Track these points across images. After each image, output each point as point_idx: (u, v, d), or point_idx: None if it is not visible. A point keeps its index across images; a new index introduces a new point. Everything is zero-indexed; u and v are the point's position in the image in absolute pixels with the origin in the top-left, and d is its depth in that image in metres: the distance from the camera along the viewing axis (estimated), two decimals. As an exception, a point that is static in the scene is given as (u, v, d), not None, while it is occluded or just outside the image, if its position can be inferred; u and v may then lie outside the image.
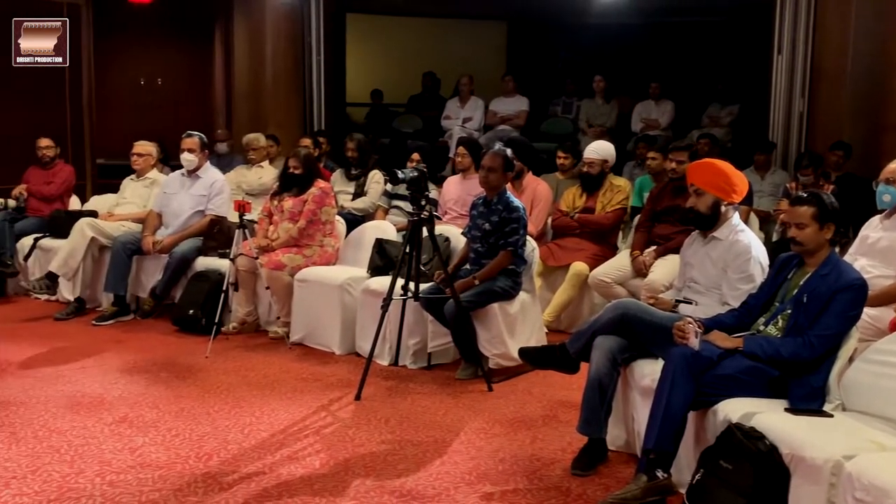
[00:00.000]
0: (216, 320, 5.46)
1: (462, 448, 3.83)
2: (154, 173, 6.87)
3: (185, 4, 10.10)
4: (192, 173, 6.38)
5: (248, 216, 5.56)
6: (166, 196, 6.43)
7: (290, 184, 5.86)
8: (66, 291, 6.50)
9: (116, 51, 10.10)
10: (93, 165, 9.53)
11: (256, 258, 5.61)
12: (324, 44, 9.80)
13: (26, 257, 6.84)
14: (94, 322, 6.05)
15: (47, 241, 6.79)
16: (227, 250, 5.91)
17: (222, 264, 5.91)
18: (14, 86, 8.54)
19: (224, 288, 5.58)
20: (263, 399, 4.48)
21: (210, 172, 6.44)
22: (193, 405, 4.36)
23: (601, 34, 10.46)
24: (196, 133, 6.46)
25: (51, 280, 6.33)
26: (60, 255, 6.32)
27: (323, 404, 4.42)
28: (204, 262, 6.09)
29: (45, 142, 7.23)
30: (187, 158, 6.32)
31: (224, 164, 7.86)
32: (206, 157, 6.51)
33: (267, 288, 5.62)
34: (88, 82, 9.39)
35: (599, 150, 6.15)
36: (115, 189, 7.36)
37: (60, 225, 6.74)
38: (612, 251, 6.01)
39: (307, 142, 7.74)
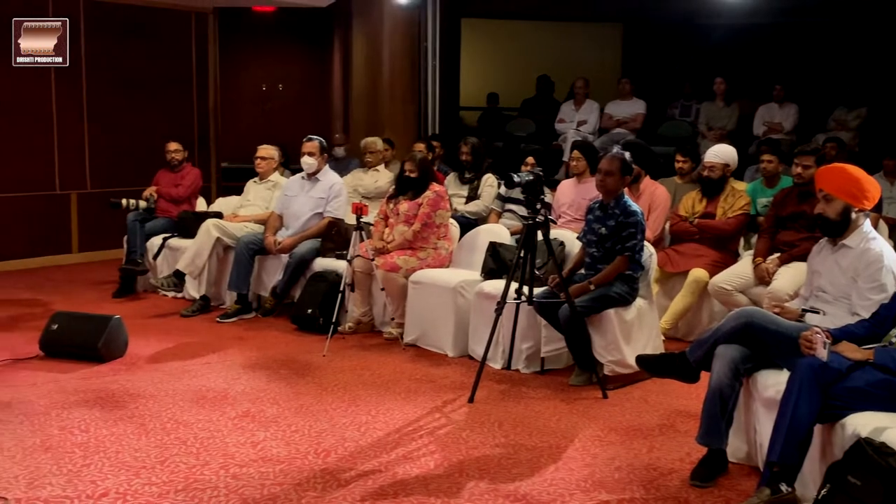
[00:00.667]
0: (333, 320, 5.59)
1: (577, 455, 3.79)
2: (276, 176, 7.08)
3: (305, 12, 10.38)
4: (312, 176, 6.54)
5: (364, 218, 5.67)
6: (287, 198, 6.62)
7: (406, 187, 5.94)
8: (192, 289, 6.76)
9: (240, 58, 10.48)
10: (217, 168, 9.90)
11: (372, 260, 5.70)
12: (439, 48, 9.89)
13: (155, 256, 7.14)
14: (218, 319, 6.27)
15: (175, 241, 7.08)
16: (344, 252, 6.04)
17: (339, 265, 6.04)
18: (145, 92, 8.99)
19: (341, 289, 5.71)
20: (379, 398, 4.55)
21: (329, 175, 6.60)
22: (312, 402, 4.46)
23: (721, 35, 10.19)
24: (316, 137, 6.63)
25: (178, 278, 6.60)
26: (187, 254, 6.58)
27: (437, 406, 4.46)
28: (322, 263, 6.24)
29: (173, 146, 7.55)
30: (307, 162, 6.49)
31: (341, 168, 8.02)
32: (326, 160, 6.66)
33: (382, 289, 5.71)
34: (214, 89, 9.77)
35: (721, 153, 5.99)
36: (238, 191, 7.63)
37: (188, 225, 7.01)
38: (733, 258, 5.84)
39: (421, 146, 7.82)
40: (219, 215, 6.98)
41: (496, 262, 5.47)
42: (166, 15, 9.18)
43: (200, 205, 7.67)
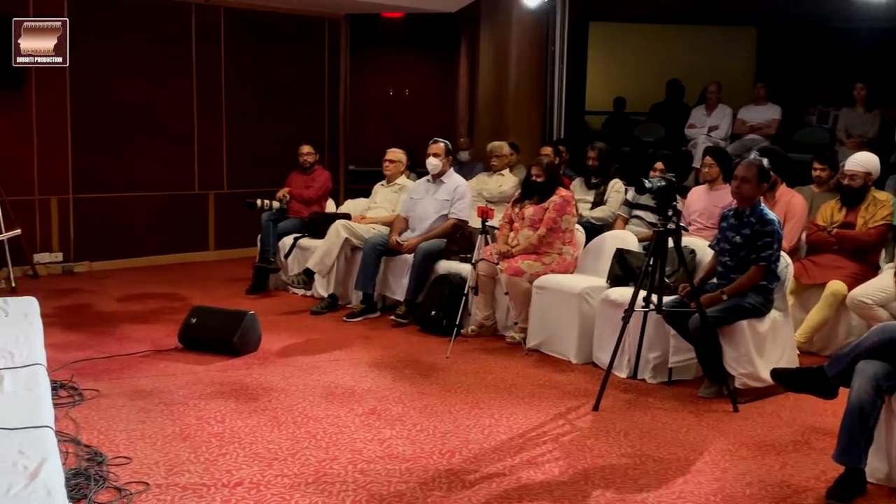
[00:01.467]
0: (456, 322, 5.63)
1: (706, 468, 3.69)
2: (403, 179, 7.21)
3: (433, 18, 10.51)
4: (437, 178, 6.62)
5: (489, 222, 5.69)
6: (413, 201, 6.72)
7: (532, 191, 5.93)
8: (321, 288, 6.95)
9: (369, 64, 10.70)
10: (345, 171, 10.14)
11: (497, 264, 5.72)
12: (566, 52, 9.83)
13: (287, 255, 7.38)
14: (344, 318, 6.42)
15: (305, 241, 7.29)
16: (469, 255, 6.09)
17: (463, 268, 6.09)
18: (280, 97, 9.30)
19: (465, 291, 5.75)
20: (502, 402, 4.55)
21: (453, 178, 6.66)
22: (436, 403, 4.51)
23: (861, 39, 9.73)
24: (441, 139, 6.71)
25: (308, 276, 6.79)
26: (317, 253, 6.76)
27: (560, 412, 4.43)
28: (446, 266, 6.30)
29: (306, 148, 7.78)
30: (432, 163, 6.57)
31: (465, 172, 8.08)
32: (450, 162, 6.73)
33: (506, 293, 5.72)
34: (344, 94, 10.02)
35: (863, 161, 5.72)
36: (364, 194, 7.80)
37: (318, 226, 7.21)
38: (873, 270, 5.57)
39: (548, 150, 7.79)
40: (347, 217, 7.15)
41: (623, 269, 5.40)
42: (301, 22, 9.49)
43: (330, 206, 7.88)
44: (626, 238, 5.89)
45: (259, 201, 7.57)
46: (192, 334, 5.49)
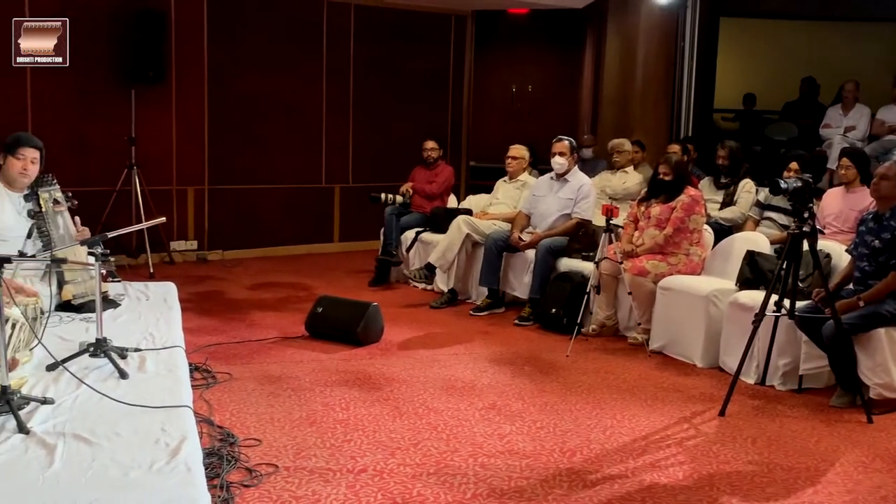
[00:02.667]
0: (577, 321, 5.59)
1: (837, 479, 3.55)
2: (525, 176, 7.20)
3: (559, 14, 10.45)
4: (561, 177, 6.58)
5: (614, 220, 5.62)
6: (535, 198, 6.70)
7: (659, 190, 5.82)
8: (441, 282, 7.02)
9: (493, 60, 10.73)
10: (467, 167, 10.21)
11: (620, 263, 5.64)
12: (696, 49, 9.61)
13: (408, 249, 7.49)
14: (471, 312, 6.49)
15: (427, 235, 7.38)
16: (591, 253, 6.03)
17: (585, 266, 6.04)
18: (405, 92, 9.44)
19: (586, 290, 5.70)
20: (623, 403, 4.49)
21: (577, 176, 6.61)
22: (556, 401, 4.49)
23: None
24: (566, 137, 6.66)
25: (429, 271, 6.88)
26: (438, 248, 6.84)
27: (685, 416, 4.34)
28: (568, 264, 6.25)
29: (430, 143, 7.86)
30: (557, 162, 6.53)
31: (589, 169, 8.00)
32: (575, 160, 6.67)
33: (629, 293, 5.63)
34: (468, 89, 10.08)
35: None
36: (484, 189, 7.83)
37: (439, 221, 7.29)
38: None
39: (676, 148, 7.63)
40: (468, 212, 7.19)
41: (753, 272, 5.23)
42: (428, 19, 9.60)
43: (451, 202, 7.94)
44: (758, 240, 5.71)
45: (383, 195, 7.70)
46: (318, 323, 5.65)
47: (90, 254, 3.62)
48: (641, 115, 9.58)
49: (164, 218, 4.34)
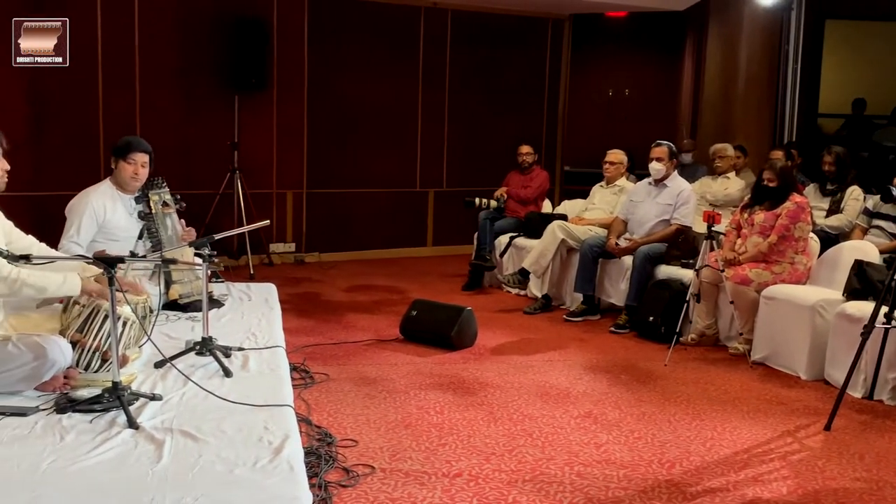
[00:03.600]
0: (676, 330, 5.47)
1: (956, 503, 3.38)
2: (622, 181, 7.10)
3: (658, 17, 10.27)
4: (659, 182, 6.46)
5: (716, 227, 5.49)
6: (632, 204, 6.60)
7: (763, 196, 5.65)
8: (535, 288, 6.98)
9: (590, 64, 10.62)
10: (562, 172, 10.13)
11: (722, 271, 5.50)
12: (801, 51, 9.31)
13: (502, 254, 7.48)
14: (565, 317, 6.43)
15: (521, 240, 7.35)
16: (691, 260, 5.90)
17: (684, 274, 5.91)
18: (501, 97, 9.44)
19: (686, 298, 5.58)
20: (724, 415, 4.37)
21: (677, 182, 6.48)
22: (654, 411, 4.40)
23: None
24: (665, 142, 6.54)
25: (523, 276, 6.85)
26: (532, 253, 6.80)
27: (788, 430, 4.19)
28: (666, 271, 6.13)
29: (525, 148, 7.83)
30: (655, 167, 6.42)
31: (688, 174, 7.82)
32: (674, 166, 6.55)
33: (731, 302, 5.48)
34: (564, 94, 10.02)
35: None
36: (578, 195, 7.76)
37: (534, 226, 7.25)
38: None
39: (779, 153, 7.41)
40: (563, 217, 7.13)
41: (862, 283, 5.02)
42: (525, 23, 9.59)
43: (546, 207, 7.89)
44: (867, 249, 5.48)
45: (477, 200, 7.71)
46: (413, 326, 5.68)
47: (197, 255, 3.73)
48: (743, 119, 9.33)
49: (267, 221, 4.44)
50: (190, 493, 2.27)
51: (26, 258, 2.90)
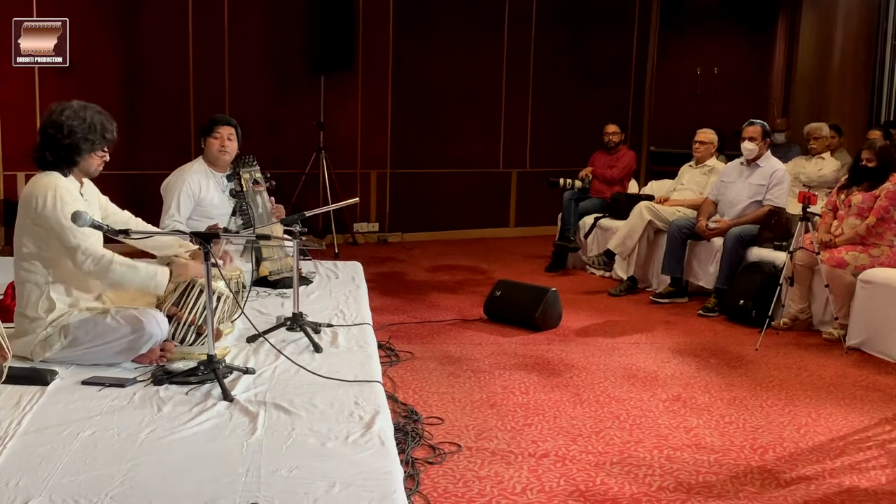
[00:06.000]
0: (768, 314, 5.33)
1: None
2: (713, 161, 6.93)
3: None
4: (752, 162, 6.29)
5: (811, 209, 5.31)
6: (723, 184, 6.44)
7: (862, 177, 5.45)
8: (621, 270, 6.89)
9: (678, 42, 10.39)
10: (648, 152, 9.95)
11: (817, 253, 5.33)
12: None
13: (586, 235, 7.39)
14: (651, 298, 6.34)
15: (606, 221, 7.25)
16: (784, 242, 5.73)
17: (777, 257, 5.75)
18: (586, 76, 9.31)
19: (779, 282, 5.42)
20: (818, 401, 4.24)
21: (770, 162, 6.30)
22: (745, 395, 4.30)
23: None
24: (758, 121, 6.36)
25: (608, 257, 6.76)
26: (618, 234, 6.70)
27: (887, 417, 4.05)
28: (758, 253, 5.98)
29: (612, 128, 7.70)
30: (748, 147, 6.25)
31: (780, 154, 7.58)
32: (767, 145, 6.36)
33: (826, 286, 5.31)
34: (651, 73, 9.82)
35: None
36: (665, 176, 7.61)
37: (619, 207, 7.14)
38: None
39: (877, 133, 7.13)
40: (650, 198, 7.00)
41: (968, 267, 4.81)
42: (612, 1, 9.40)
43: (632, 187, 7.76)
44: (972, 232, 5.24)
45: (562, 180, 7.63)
46: (497, 306, 5.67)
47: (287, 232, 3.78)
48: (838, 98, 9.01)
49: (357, 199, 4.47)
50: (284, 465, 2.31)
51: (125, 233, 2.98)
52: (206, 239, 2.90)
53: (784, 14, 10.07)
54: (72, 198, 3.10)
